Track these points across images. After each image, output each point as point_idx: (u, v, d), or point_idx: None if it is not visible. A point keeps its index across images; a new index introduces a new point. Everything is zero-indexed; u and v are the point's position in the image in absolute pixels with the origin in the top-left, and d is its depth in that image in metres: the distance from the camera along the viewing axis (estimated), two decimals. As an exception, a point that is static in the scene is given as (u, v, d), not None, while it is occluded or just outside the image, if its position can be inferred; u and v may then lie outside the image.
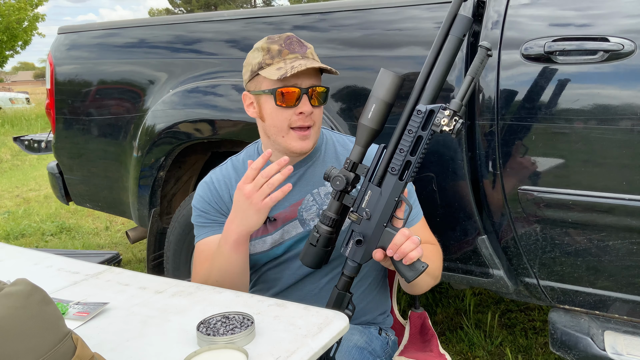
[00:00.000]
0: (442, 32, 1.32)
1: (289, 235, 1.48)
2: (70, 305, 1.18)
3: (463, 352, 2.43)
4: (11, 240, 4.46)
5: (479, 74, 1.29)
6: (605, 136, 1.50)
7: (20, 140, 3.44)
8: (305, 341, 0.99)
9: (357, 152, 1.32)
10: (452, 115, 1.24)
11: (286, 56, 1.38)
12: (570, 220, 1.60)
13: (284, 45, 1.40)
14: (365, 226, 1.31)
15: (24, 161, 8.89)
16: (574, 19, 1.56)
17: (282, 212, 1.49)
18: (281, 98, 1.37)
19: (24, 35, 15.22)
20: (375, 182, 1.30)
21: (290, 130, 1.40)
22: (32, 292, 0.82)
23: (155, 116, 2.36)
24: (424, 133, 1.26)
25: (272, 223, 1.49)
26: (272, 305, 1.15)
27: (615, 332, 1.64)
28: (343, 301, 1.36)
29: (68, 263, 1.48)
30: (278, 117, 1.39)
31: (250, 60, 1.44)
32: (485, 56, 1.29)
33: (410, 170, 1.27)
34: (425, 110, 1.26)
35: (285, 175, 1.27)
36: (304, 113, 1.38)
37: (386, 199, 1.28)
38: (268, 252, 1.50)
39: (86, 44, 2.74)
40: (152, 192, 2.46)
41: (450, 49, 1.31)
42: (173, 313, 1.14)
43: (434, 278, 1.47)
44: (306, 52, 1.41)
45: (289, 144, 1.41)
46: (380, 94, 1.29)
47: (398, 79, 1.29)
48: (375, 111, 1.29)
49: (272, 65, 1.38)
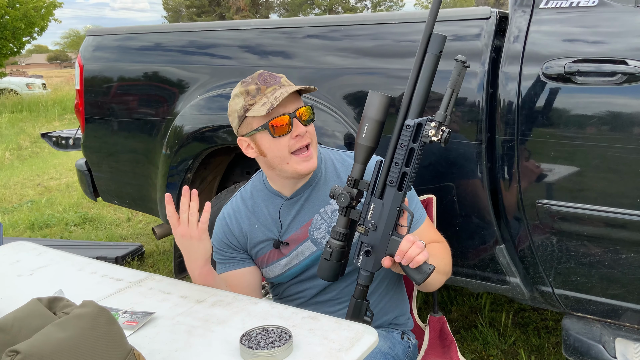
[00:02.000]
0: (420, 51, 1.40)
1: (303, 256, 1.58)
2: (119, 314, 1.27)
3: (477, 350, 2.52)
4: (36, 230, 4.60)
5: (458, 85, 1.36)
6: (620, 155, 1.57)
7: (48, 136, 3.56)
8: (339, 355, 1.08)
9: (357, 169, 1.42)
10: (438, 126, 1.32)
11: (265, 91, 1.46)
12: (585, 234, 1.67)
13: (259, 82, 1.48)
14: (373, 237, 1.40)
15: (43, 148, 9.04)
16: (593, 41, 1.62)
17: (294, 235, 1.58)
18: (276, 128, 1.45)
19: (41, 22, 15.39)
20: (377, 195, 1.39)
21: (292, 155, 1.48)
22: (99, 313, 0.91)
23: (184, 119, 2.45)
24: (415, 145, 1.34)
25: (285, 247, 1.58)
26: (306, 317, 1.24)
27: (627, 340, 1.72)
28: (361, 309, 1.45)
29: (110, 269, 1.58)
30: (277, 148, 1.47)
31: (233, 107, 1.51)
32: (462, 68, 1.36)
33: (407, 181, 1.36)
34: (414, 124, 1.34)
35: (197, 200, 1.40)
36: (300, 134, 1.47)
37: (388, 210, 1.38)
38: (285, 273, 1.61)
39: (115, 46, 2.83)
40: (179, 193, 2.55)
41: (430, 66, 1.38)
42: (215, 323, 1.23)
43: (444, 274, 1.55)
44: (280, 81, 1.49)
45: (296, 169, 1.49)
46: (371, 114, 1.38)
47: (386, 98, 1.38)
48: (369, 130, 1.39)
49: (257, 104, 1.45)
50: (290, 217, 1.58)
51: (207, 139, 2.39)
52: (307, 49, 2.17)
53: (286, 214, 1.58)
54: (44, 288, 1.44)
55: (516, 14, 1.73)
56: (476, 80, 1.77)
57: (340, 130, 2.05)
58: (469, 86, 1.77)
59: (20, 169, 7.57)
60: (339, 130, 2.05)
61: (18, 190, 6.16)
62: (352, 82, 2.04)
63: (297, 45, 2.22)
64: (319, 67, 2.11)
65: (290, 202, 1.58)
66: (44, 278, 1.53)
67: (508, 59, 1.72)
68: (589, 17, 1.63)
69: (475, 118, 1.78)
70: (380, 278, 1.62)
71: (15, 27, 14.84)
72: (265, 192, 1.61)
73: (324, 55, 2.12)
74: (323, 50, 2.13)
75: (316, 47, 2.16)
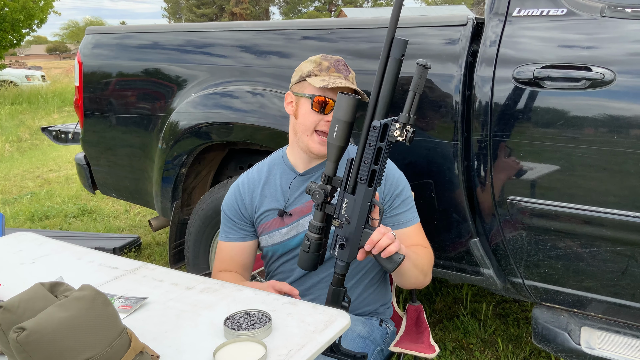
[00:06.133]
0: (383, 55, 1.47)
1: (303, 229, 1.70)
2: (115, 299, 1.39)
3: (458, 339, 2.64)
4: (36, 222, 4.71)
5: (420, 88, 1.44)
6: (585, 155, 1.67)
7: (48, 130, 3.66)
8: (313, 336, 1.20)
9: (329, 167, 1.52)
10: (402, 127, 1.42)
11: (332, 73, 1.63)
12: (553, 228, 1.79)
13: (333, 64, 1.65)
14: (347, 230, 1.50)
15: (42, 141, 9.14)
16: (561, 48, 1.73)
17: (299, 207, 1.71)
18: (317, 104, 1.62)
19: (41, 14, 15.44)
20: (350, 191, 1.49)
21: (315, 132, 1.65)
22: (96, 296, 1.02)
23: (179, 116, 2.56)
24: (383, 144, 1.44)
25: (288, 217, 1.72)
26: (286, 303, 1.36)
27: (591, 329, 1.84)
28: (339, 296, 1.56)
29: (107, 258, 1.69)
30: (309, 119, 1.64)
31: (302, 67, 1.70)
32: (424, 70, 1.44)
33: (377, 178, 1.46)
34: (380, 125, 1.43)
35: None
36: (329, 121, 1.60)
37: (360, 204, 1.48)
38: (283, 242, 1.73)
39: (114, 44, 2.93)
40: (175, 186, 2.67)
41: (393, 69, 1.46)
42: (202, 308, 1.35)
43: (422, 272, 1.65)
44: (348, 75, 1.66)
45: (310, 145, 1.65)
46: (340, 115, 1.48)
47: (353, 100, 1.48)
48: (339, 130, 1.49)
49: (319, 77, 1.62)
50: (298, 192, 1.72)
51: (202, 135, 2.50)
52: (303, 50, 2.27)
53: (295, 188, 1.72)
54: (45, 275, 1.55)
55: (491, 21, 1.83)
56: (454, 82, 1.87)
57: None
58: (447, 88, 1.87)
59: (20, 161, 7.68)
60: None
61: (18, 182, 6.27)
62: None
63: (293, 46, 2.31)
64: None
65: (302, 178, 1.72)
66: (45, 266, 1.64)
67: (483, 63, 1.82)
68: (558, 26, 1.74)
69: (452, 118, 1.88)
70: (367, 269, 1.74)
71: (14, 19, 14.89)
72: (282, 165, 1.76)
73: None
74: (318, 52, 2.23)
75: (312, 49, 2.25)
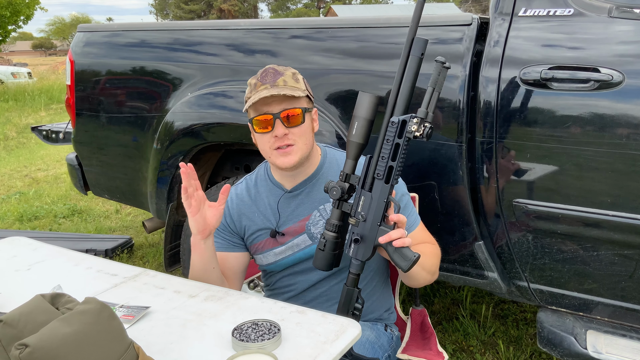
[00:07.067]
0: (404, 53, 1.48)
1: (298, 248, 1.66)
2: (116, 308, 1.34)
3: (458, 341, 2.62)
4: (25, 222, 4.62)
5: (439, 84, 1.44)
6: (592, 157, 1.65)
7: (38, 130, 3.58)
8: (324, 347, 1.16)
9: (349, 165, 1.50)
10: (420, 122, 1.41)
11: (258, 88, 1.55)
12: (559, 232, 1.76)
13: (259, 78, 1.57)
14: (363, 227, 1.48)
15: (29, 139, 9.01)
16: (568, 49, 1.70)
17: (292, 227, 1.66)
18: (257, 125, 1.57)
19: (27, 10, 15.23)
20: (367, 188, 1.48)
21: (274, 150, 1.58)
22: (101, 309, 0.98)
23: (174, 116, 2.51)
24: (400, 140, 1.43)
25: (281, 237, 1.67)
26: (294, 312, 1.32)
27: (597, 332, 1.82)
28: (352, 296, 1.53)
29: (105, 264, 1.64)
30: (261, 142, 1.59)
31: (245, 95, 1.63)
32: (443, 68, 1.44)
33: (394, 174, 1.44)
34: (398, 121, 1.43)
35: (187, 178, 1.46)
36: (278, 136, 1.55)
37: (377, 201, 1.46)
38: (278, 262, 1.69)
39: (105, 42, 2.87)
40: (170, 187, 2.62)
41: (413, 67, 1.47)
42: (208, 317, 1.30)
43: (430, 273, 1.63)
44: (277, 80, 1.54)
45: (275, 162, 1.59)
46: (361, 113, 1.47)
47: (374, 98, 1.47)
48: (359, 128, 1.47)
49: (250, 98, 1.56)
50: (289, 210, 1.66)
51: (197, 136, 2.45)
52: (293, 49, 2.24)
53: (285, 207, 1.66)
54: (42, 283, 1.50)
55: (496, 21, 1.80)
56: (458, 82, 1.84)
57: (328, 129, 2.12)
58: (451, 88, 1.84)
59: (7, 159, 7.55)
60: (327, 129, 2.12)
61: (5, 182, 6.17)
62: (338, 82, 2.11)
63: (283, 45, 2.28)
64: (304, 68, 2.17)
65: (289, 195, 1.66)
66: (41, 273, 1.59)
67: (488, 63, 1.79)
68: (565, 26, 1.71)
69: (456, 119, 1.85)
70: (371, 276, 1.71)
71: (0, 16, 14.67)
72: (268, 182, 1.70)
73: (310, 55, 2.19)
74: (309, 50, 2.20)
75: (302, 47, 2.22)
